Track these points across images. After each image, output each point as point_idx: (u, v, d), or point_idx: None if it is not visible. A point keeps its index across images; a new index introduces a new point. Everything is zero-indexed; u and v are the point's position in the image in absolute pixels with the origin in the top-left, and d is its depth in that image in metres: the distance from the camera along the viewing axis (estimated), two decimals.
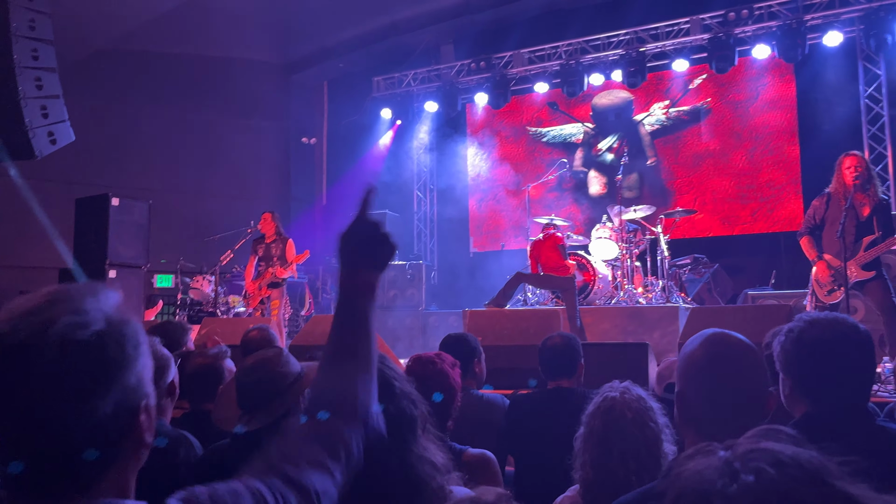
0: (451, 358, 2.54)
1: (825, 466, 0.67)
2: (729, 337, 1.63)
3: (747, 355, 1.61)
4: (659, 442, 1.91)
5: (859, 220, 5.37)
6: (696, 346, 1.65)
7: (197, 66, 11.90)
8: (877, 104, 9.32)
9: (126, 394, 0.89)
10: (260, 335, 3.87)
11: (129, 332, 0.91)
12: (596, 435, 1.94)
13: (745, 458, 0.68)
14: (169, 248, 10.22)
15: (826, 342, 1.78)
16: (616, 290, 8.54)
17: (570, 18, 10.98)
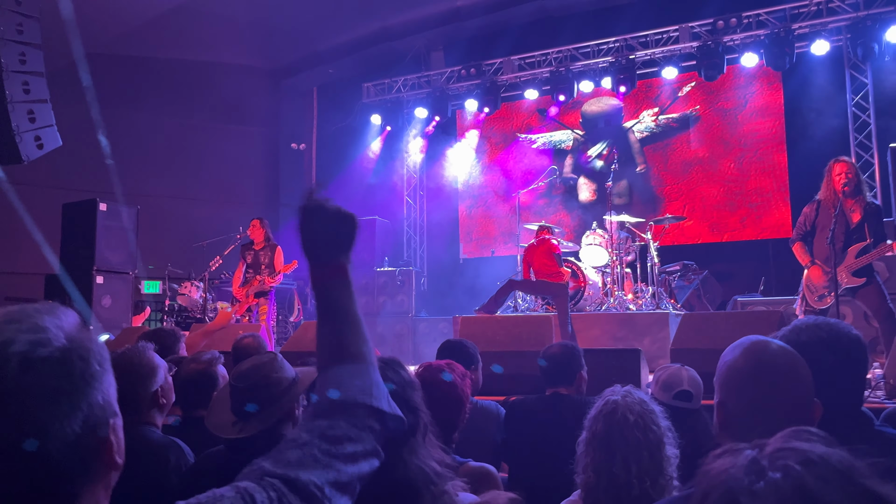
0: (462, 368, 2.51)
1: (854, 466, 0.67)
2: (770, 345, 1.60)
3: (791, 363, 1.58)
4: (661, 445, 1.90)
5: (849, 227, 5.39)
6: (737, 356, 1.62)
7: (186, 71, 11.85)
8: (864, 112, 9.40)
9: (94, 412, 0.84)
10: (253, 342, 3.84)
11: (94, 349, 0.87)
12: (598, 438, 1.93)
13: (773, 457, 0.68)
14: (157, 254, 10.15)
15: (803, 347, 1.77)
16: (606, 297, 8.55)
17: (561, 26, 11.03)
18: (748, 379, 1.57)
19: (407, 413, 1.43)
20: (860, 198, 5.42)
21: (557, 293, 7.47)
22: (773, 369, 1.56)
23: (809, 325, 1.85)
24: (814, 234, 5.56)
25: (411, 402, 1.49)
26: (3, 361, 0.79)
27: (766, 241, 9.93)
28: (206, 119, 12.24)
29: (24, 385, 0.79)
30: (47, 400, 0.81)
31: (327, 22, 11.57)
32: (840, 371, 1.80)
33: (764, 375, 1.56)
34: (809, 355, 1.76)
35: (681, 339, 4.90)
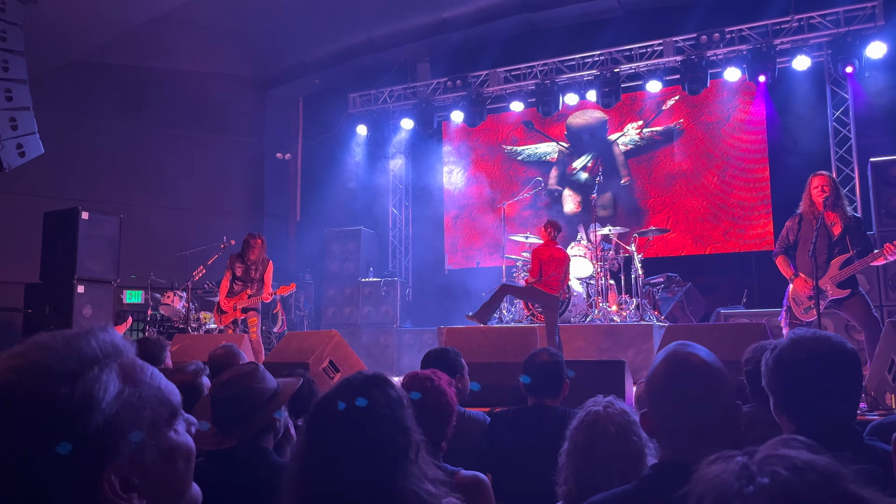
0: (448, 377, 2.49)
1: (839, 471, 0.70)
2: (688, 355, 1.62)
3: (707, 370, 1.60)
4: (642, 455, 1.90)
5: (831, 240, 5.45)
6: (657, 363, 1.65)
7: (171, 81, 11.80)
8: (844, 127, 9.53)
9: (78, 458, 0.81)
10: (226, 352, 3.80)
11: (89, 380, 0.84)
12: (580, 449, 1.93)
13: (762, 463, 0.72)
14: (140, 264, 10.06)
15: (801, 362, 1.78)
16: (590, 308, 8.58)
17: (546, 39, 11.11)
18: (665, 386, 1.60)
19: (398, 433, 1.40)
20: (841, 211, 5.48)
21: (549, 304, 7.47)
22: (688, 377, 1.58)
23: (808, 339, 1.85)
24: (796, 247, 5.61)
25: (402, 421, 1.43)
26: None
27: (748, 254, 10.01)
28: (190, 128, 12.18)
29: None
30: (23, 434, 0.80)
31: (314, 32, 11.59)
32: (840, 385, 1.80)
33: (679, 382, 1.58)
34: (811, 370, 1.77)
35: None
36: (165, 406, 0.92)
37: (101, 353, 0.88)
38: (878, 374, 4.30)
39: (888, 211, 7.76)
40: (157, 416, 0.89)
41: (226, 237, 8.74)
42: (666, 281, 9.37)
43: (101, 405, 0.83)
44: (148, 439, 0.87)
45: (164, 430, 0.90)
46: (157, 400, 0.91)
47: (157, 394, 0.91)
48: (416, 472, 1.38)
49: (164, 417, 0.91)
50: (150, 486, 0.86)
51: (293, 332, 7.33)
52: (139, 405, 0.87)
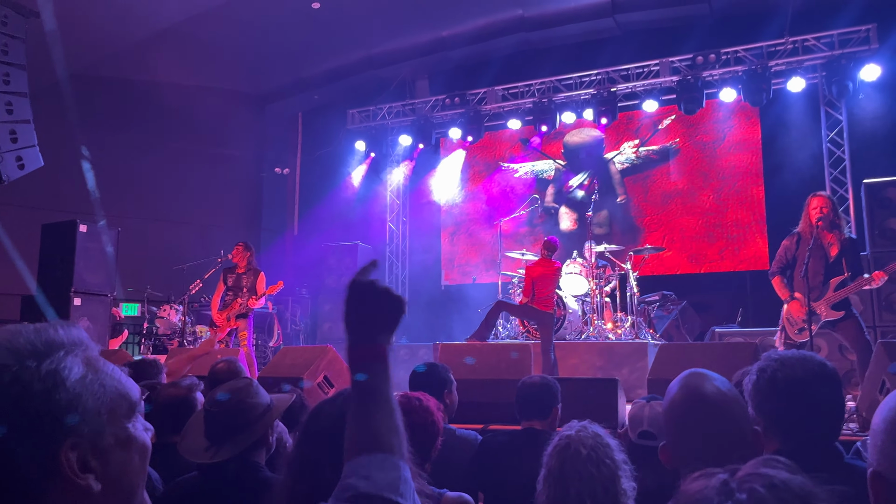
0: (436, 401, 2.52)
1: (812, 492, 0.74)
2: (705, 384, 1.66)
3: (723, 396, 1.64)
4: (616, 479, 1.90)
5: (828, 261, 5.47)
6: (674, 394, 1.69)
7: (171, 94, 11.86)
8: (838, 148, 9.60)
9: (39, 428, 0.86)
10: (228, 367, 3.81)
11: (56, 360, 0.90)
12: (553, 474, 1.93)
13: (742, 480, 0.76)
14: (137, 277, 10.07)
15: (798, 381, 1.81)
16: (586, 326, 8.59)
17: (544, 58, 11.20)
18: (683, 416, 1.63)
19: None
20: (838, 232, 5.51)
21: (544, 322, 7.50)
22: (707, 406, 1.62)
23: (798, 358, 1.88)
24: (794, 266, 5.63)
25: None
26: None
27: (743, 273, 10.05)
28: (189, 142, 12.24)
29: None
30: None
31: (313, 49, 11.68)
32: (830, 404, 1.83)
33: (698, 412, 1.62)
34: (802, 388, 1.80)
35: (658, 369, 4.93)
36: (125, 399, 0.96)
37: (68, 341, 0.93)
38: (870, 394, 4.32)
39: (882, 232, 7.80)
40: (116, 406, 0.94)
41: (223, 251, 8.76)
42: (661, 299, 9.40)
43: (65, 383, 0.89)
44: (107, 426, 0.92)
45: (122, 421, 0.95)
46: (118, 391, 0.95)
47: (117, 385, 0.96)
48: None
49: (123, 409, 0.95)
50: (107, 474, 0.91)
51: (288, 347, 7.33)
52: (100, 392, 0.92)
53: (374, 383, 1.13)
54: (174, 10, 10.03)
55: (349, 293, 1.19)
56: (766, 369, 1.86)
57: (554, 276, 7.58)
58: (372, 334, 1.19)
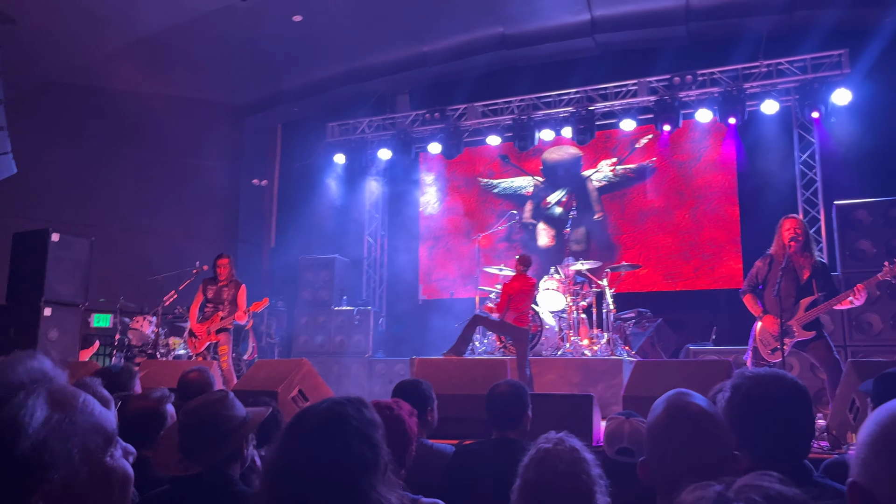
0: (409, 406, 2.52)
1: (806, 501, 0.78)
2: (688, 403, 1.68)
3: (707, 417, 1.66)
4: (591, 494, 1.90)
5: (799, 283, 5.56)
6: (658, 413, 1.70)
7: (148, 105, 11.78)
8: (811, 170, 9.78)
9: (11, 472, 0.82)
10: (199, 377, 3.75)
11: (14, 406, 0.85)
12: (529, 486, 1.93)
13: (738, 491, 0.79)
14: (110, 287, 9.93)
15: (771, 399, 1.83)
16: (562, 342, 8.62)
17: (523, 75, 11.31)
18: (666, 434, 1.64)
19: (367, 449, 1.46)
20: (809, 255, 5.61)
21: (519, 337, 7.53)
22: (690, 425, 1.64)
23: (772, 376, 1.90)
24: (765, 287, 5.71)
25: (372, 439, 1.50)
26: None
27: (718, 291, 10.16)
28: (166, 152, 12.13)
29: None
30: None
31: (294, 61, 11.68)
32: (789, 423, 1.85)
33: (681, 431, 1.63)
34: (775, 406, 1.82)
35: (633, 385, 4.96)
36: (99, 432, 0.92)
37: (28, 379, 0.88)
38: (840, 413, 4.38)
39: (852, 253, 7.95)
40: (89, 443, 0.89)
41: (198, 262, 8.68)
42: (637, 316, 9.46)
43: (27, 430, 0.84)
44: (80, 465, 0.87)
45: (97, 456, 0.90)
46: (90, 426, 0.91)
47: (90, 419, 0.91)
48: (382, 489, 1.43)
49: (98, 443, 0.91)
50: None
51: (263, 360, 7.28)
52: (70, 431, 0.87)
53: None
54: (153, 19, 9.98)
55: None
56: (741, 386, 1.88)
57: (530, 291, 7.63)
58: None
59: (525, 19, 10.61)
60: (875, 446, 1.07)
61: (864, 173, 9.24)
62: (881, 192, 8.54)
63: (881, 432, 1.07)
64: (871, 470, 1.06)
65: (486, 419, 3.30)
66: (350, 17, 10.40)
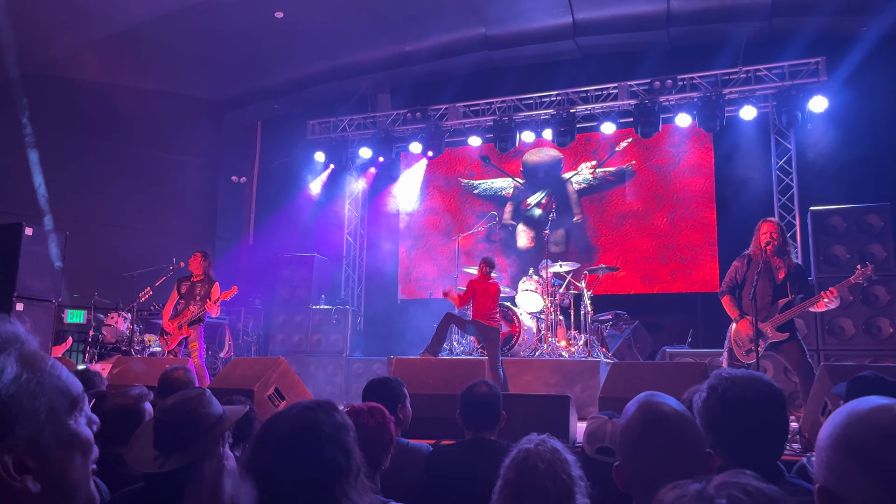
0: (387, 412, 2.52)
1: (785, 497, 0.80)
2: (661, 405, 1.70)
3: (680, 418, 1.68)
4: (571, 494, 1.92)
5: (776, 284, 5.65)
6: (631, 415, 1.71)
7: (127, 98, 11.64)
8: (787, 176, 9.91)
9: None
10: (183, 375, 3.73)
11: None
12: (510, 486, 1.94)
13: (720, 487, 0.80)
14: (84, 283, 9.80)
15: (747, 400, 1.85)
16: (540, 343, 8.65)
17: (505, 77, 11.34)
18: (640, 436, 1.66)
19: (340, 454, 1.44)
20: (786, 258, 5.69)
21: (490, 337, 7.56)
22: (663, 427, 1.66)
23: (748, 378, 1.92)
24: (743, 287, 5.80)
25: (345, 444, 1.48)
26: None
27: (694, 295, 10.25)
28: (144, 147, 12.00)
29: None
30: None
31: (276, 58, 11.60)
32: (765, 424, 1.87)
33: (654, 433, 1.65)
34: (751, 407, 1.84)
35: (609, 387, 4.99)
36: (65, 395, 0.93)
37: (1, 340, 0.90)
38: (812, 415, 4.44)
39: (826, 258, 8.06)
40: (56, 404, 0.91)
41: (175, 259, 8.59)
42: (614, 318, 9.52)
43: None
44: (46, 424, 0.89)
45: (63, 419, 0.92)
46: (57, 388, 0.92)
47: (57, 382, 0.93)
48: (354, 494, 1.42)
49: (64, 406, 0.93)
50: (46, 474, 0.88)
51: (239, 358, 7.21)
52: (37, 391, 0.89)
53: None
54: (133, 12, 9.87)
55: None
56: (717, 387, 1.90)
57: (495, 294, 7.67)
58: None
59: (508, 21, 10.64)
60: (839, 449, 1.09)
61: (839, 180, 9.39)
62: (855, 198, 8.68)
63: (842, 433, 1.09)
64: (837, 472, 1.07)
65: (459, 419, 3.29)
66: (332, 15, 10.36)
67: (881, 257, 7.82)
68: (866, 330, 7.66)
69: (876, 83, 9.28)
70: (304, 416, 1.47)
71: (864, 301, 7.72)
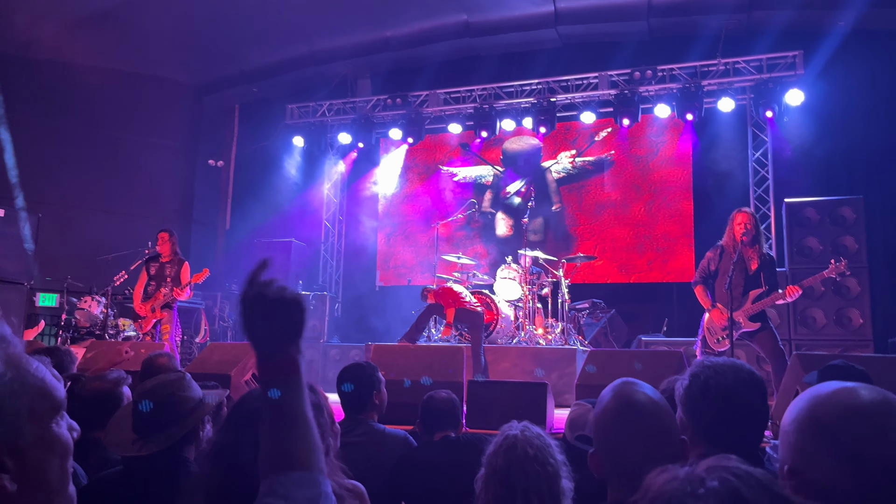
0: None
1: (772, 480, 0.82)
2: (636, 392, 1.72)
3: (654, 404, 1.71)
4: (558, 478, 1.95)
5: (748, 274, 5.73)
6: (608, 398, 1.73)
7: (104, 79, 11.45)
8: (763, 168, 10.02)
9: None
10: (167, 362, 3.70)
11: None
12: (498, 473, 1.95)
13: (710, 470, 0.82)
14: (57, 265, 9.66)
15: (729, 388, 1.88)
16: (517, 331, 8.70)
17: (486, 64, 11.32)
18: (615, 423, 1.68)
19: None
20: (758, 247, 5.78)
21: (475, 323, 7.59)
22: (638, 414, 1.68)
23: (730, 366, 1.94)
24: (716, 277, 5.88)
25: (315, 421, 1.48)
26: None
27: (670, 284, 10.36)
28: (120, 129, 11.82)
29: None
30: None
31: (255, 41, 11.47)
32: (747, 411, 1.90)
33: (630, 420, 1.68)
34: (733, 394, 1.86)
35: (586, 374, 5.04)
36: (48, 399, 0.94)
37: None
38: (784, 403, 4.51)
39: (799, 249, 8.19)
40: (37, 406, 0.92)
41: (150, 242, 8.49)
42: (591, 307, 9.59)
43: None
44: (27, 425, 0.90)
45: (45, 421, 0.93)
46: (40, 391, 0.93)
47: (40, 385, 0.93)
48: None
49: (45, 408, 0.93)
50: (24, 474, 0.89)
51: (216, 343, 7.18)
52: (19, 391, 0.89)
53: (287, 399, 1.07)
54: None
55: (242, 308, 1.11)
56: (700, 375, 1.92)
57: (449, 289, 7.80)
58: (279, 347, 1.11)
59: (489, 8, 10.61)
60: (804, 430, 1.11)
61: (813, 173, 9.52)
62: (829, 191, 8.82)
63: (806, 415, 1.12)
64: (806, 451, 1.10)
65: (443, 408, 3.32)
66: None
67: (853, 249, 7.96)
68: (837, 321, 7.80)
69: (850, 77, 9.40)
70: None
71: (835, 292, 7.86)
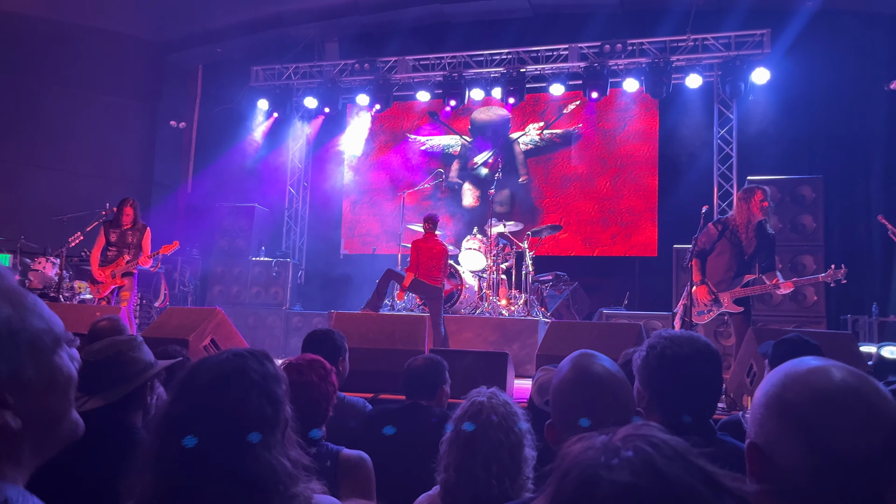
0: (327, 365, 2.49)
1: (689, 449, 0.81)
2: (594, 364, 1.74)
3: (611, 375, 1.72)
4: (521, 446, 1.96)
5: (743, 258, 5.75)
6: (566, 368, 1.74)
7: (64, 34, 11.04)
8: (727, 145, 10.12)
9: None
10: (110, 325, 3.63)
11: None
12: (462, 438, 1.96)
13: (625, 440, 0.81)
14: (10, 225, 9.39)
15: (684, 358, 1.90)
16: (481, 301, 8.73)
17: (456, 32, 11.19)
18: (573, 395, 1.69)
19: (267, 404, 1.39)
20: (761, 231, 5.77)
21: (432, 295, 7.58)
22: (596, 386, 1.70)
23: (686, 337, 1.97)
24: (711, 253, 5.84)
25: (273, 395, 1.42)
26: None
27: (633, 259, 10.47)
28: (78, 86, 11.44)
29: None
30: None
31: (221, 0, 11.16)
32: (701, 382, 1.93)
33: (587, 392, 1.69)
34: (688, 365, 1.89)
35: (547, 345, 5.07)
36: (47, 332, 0.94)
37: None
38: (738, 377, 4.61)
39: None
40: (37, 339, 0.92)
41: (108, 204, 8.27)
42: (554, 279, 9.66)
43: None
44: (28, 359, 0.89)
45: (45, 354, 0.92)
46: (39, 325, 0.93)
47: (38, 319, 0.93)
48: (277, 449, 1.37)
49: (46, 343, 0.93)
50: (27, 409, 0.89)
51: (174, 308, 7.06)
52: (19, 327, 0.89)
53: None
54: None
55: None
56: (657, 346, 1.95)
57: (440, 254, 7.64)
58: None
59: None
60: (770, 407, 1.11)
61: (776, 151, 9.65)
62: (790, 170, 8.95)
63: (776, 392, 1.12)
64: (767, 429, 1.10)
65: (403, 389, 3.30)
66: None
67: (811, 228, 8.11)
68: (793, 297, 7.96)
69: (815, 57, 9.50)
70: (234, 361, 1.41)
71: (791, 269, 8.02)
